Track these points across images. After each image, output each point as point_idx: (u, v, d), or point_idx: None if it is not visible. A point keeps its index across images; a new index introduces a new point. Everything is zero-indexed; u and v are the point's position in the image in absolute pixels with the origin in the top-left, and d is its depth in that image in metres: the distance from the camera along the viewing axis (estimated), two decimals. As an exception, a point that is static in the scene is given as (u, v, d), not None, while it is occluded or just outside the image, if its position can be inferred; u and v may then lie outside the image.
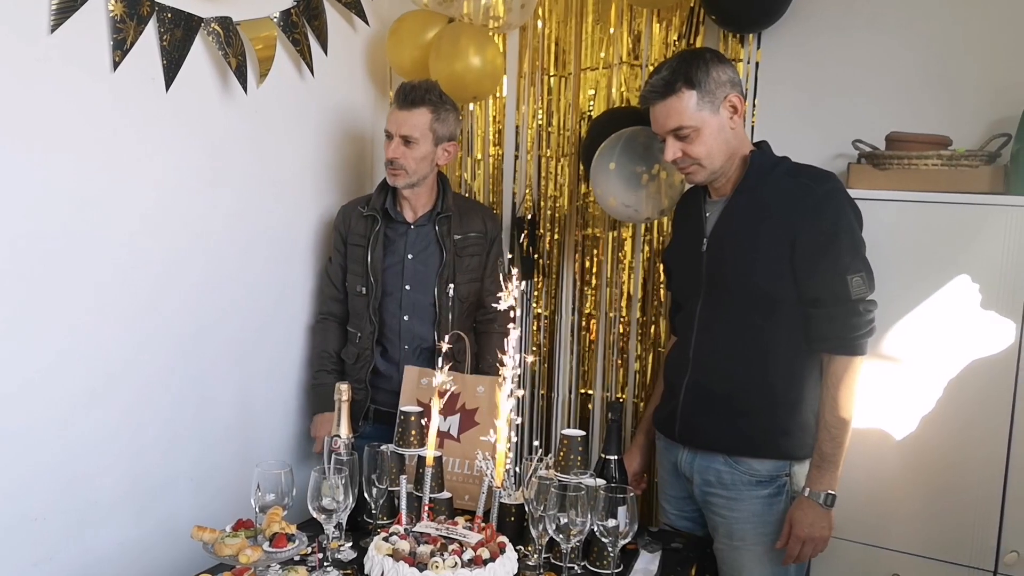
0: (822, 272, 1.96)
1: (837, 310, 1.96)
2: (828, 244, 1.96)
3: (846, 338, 1.98)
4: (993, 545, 2.14)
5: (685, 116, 2.01)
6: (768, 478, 2.08)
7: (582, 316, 3.05)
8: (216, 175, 2.43)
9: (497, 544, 1.76)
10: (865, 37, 2.56)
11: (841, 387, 2.00)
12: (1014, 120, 2.21)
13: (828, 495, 1.99)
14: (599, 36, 2.93)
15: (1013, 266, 2.07)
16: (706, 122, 2.01)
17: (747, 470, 2.08)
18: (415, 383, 2.27)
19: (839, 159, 2.53)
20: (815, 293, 1.98)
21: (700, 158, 2.03)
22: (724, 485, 2.11)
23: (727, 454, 2.10)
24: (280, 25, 2.53)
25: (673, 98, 2.01)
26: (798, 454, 2.08)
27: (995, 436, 2.12)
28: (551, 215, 3.06)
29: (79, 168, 2.04)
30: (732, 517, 2.11)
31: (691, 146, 2.03)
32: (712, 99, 2.00)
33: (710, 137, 2.02)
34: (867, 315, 1.97)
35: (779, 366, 2.05)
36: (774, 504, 2.08)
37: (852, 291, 1.94)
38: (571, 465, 1.98)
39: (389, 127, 2.52)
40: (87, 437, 2.11)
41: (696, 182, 2.12)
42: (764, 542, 2.08)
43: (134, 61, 2.11)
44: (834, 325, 1.97)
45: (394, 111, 2.52)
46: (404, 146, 2.49)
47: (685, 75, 2.00)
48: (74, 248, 2.05)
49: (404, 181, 2.53)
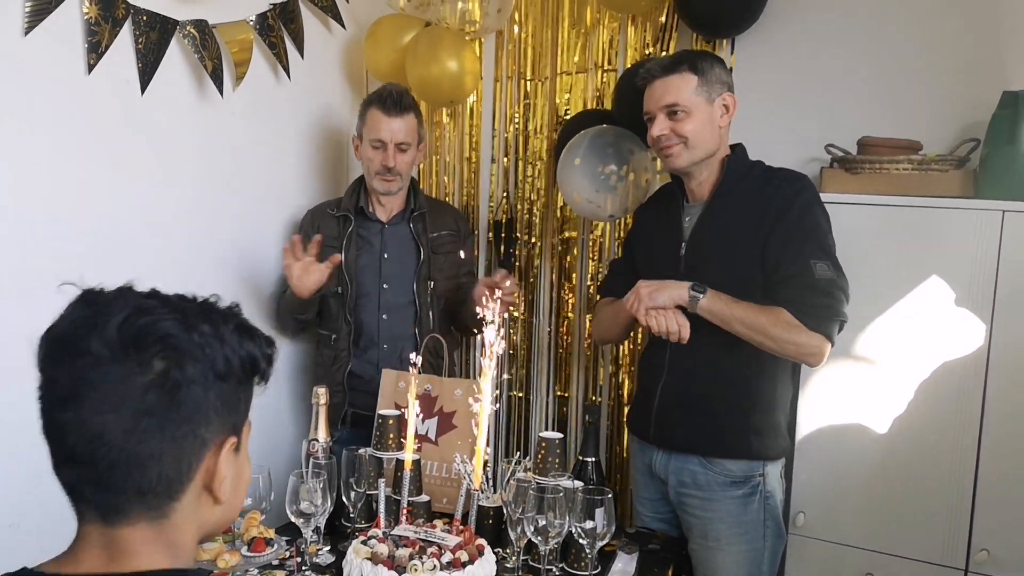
0: (785, 258, 1.98)
1: (800, 287, 1.95)
2: (792, 234, 1.99)
3: (806, 305, 1.93)
4: (964, 544, 2.17)
5: (683, 95, 2.06)
6: (742, 478, 2.10)
7: (559, 319, 3.06)
8: (193, 178, 2.42)
9: (476, 547, 1.76)
10: (838, 43, 2.59)
11: (782, 323, 1.93)
12: (983, 125, 2.24)
13: (696, 296, 1.98)
14: (575, 41, 2.95)
15: (982, 268, 2.10)
16: (699, 107, 2.07)
17: (721, 471, 2.10)
18: (393, 386, 2.27)
19: (812, 163, 2.56)
20: (780, 275, 1.98)
21: (687, 137, 2.07)
22: (699, 486, 2.13)
23: (702, 455, 2.12)
24: (256, 28, 2.52)
25: (675, 76, 2.07)
26: (771, 454, 2.11)
27: (966, 436, 2.15)
28: (528, 219, 3.07)
29: (53, 172, 2.02)
30: (707, 517, 2.13)
31: (679, 124, 2.07)
32: (710, 90, 2.07)
33: (699, 122, 2.07)
34: (832, 294, 1.94)
35: (753, 367, 2.07)
36: (748, 504, 2.10)
37: (816, 272, 1.94)
38: (549, 467, 1.99)
39: (381, 136, 2.48)
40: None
41: (674, 167, 2.14)
42: (739, 542, 2.10)
43: (109, 64, 2.10)
44: (795, 295, 1.95)
45: (383, 119, 2.48)
46: (399, 153, 2.49)
47: (691, 61, 2.08)
48: (48, 251, 2.03)
49: (398, 187, 2.54)
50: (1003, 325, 2.10)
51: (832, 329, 1.96)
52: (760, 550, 2.11)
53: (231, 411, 0.91)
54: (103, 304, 0.86)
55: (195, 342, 0.86)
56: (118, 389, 0.82)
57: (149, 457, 0.84)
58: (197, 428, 0.87)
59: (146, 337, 0.84)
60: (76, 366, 0.83)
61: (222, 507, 0.93)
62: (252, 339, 0.92)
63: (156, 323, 0.84)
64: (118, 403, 0.82)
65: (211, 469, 0.90)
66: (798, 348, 1.97)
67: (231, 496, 0.93)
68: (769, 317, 1.95)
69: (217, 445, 0.90)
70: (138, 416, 0.83)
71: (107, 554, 0.87)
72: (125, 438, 0.83)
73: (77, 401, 0.83)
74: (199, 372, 0.85)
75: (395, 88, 2.52)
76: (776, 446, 2.11)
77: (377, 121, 2.49)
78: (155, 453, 0.84)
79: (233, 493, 0.94)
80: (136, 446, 0.83)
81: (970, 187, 2.24)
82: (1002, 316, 2.10)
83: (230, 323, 0.91)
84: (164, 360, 0.84)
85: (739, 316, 1.96)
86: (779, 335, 1.95)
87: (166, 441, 0.84)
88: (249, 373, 0.92)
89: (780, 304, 1.95)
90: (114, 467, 0.83)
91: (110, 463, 0.83)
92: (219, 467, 0.90)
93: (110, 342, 0.83)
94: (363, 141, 2.54)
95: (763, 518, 2.10)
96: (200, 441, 0.88)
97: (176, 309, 0.88)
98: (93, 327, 0.84)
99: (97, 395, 0.82)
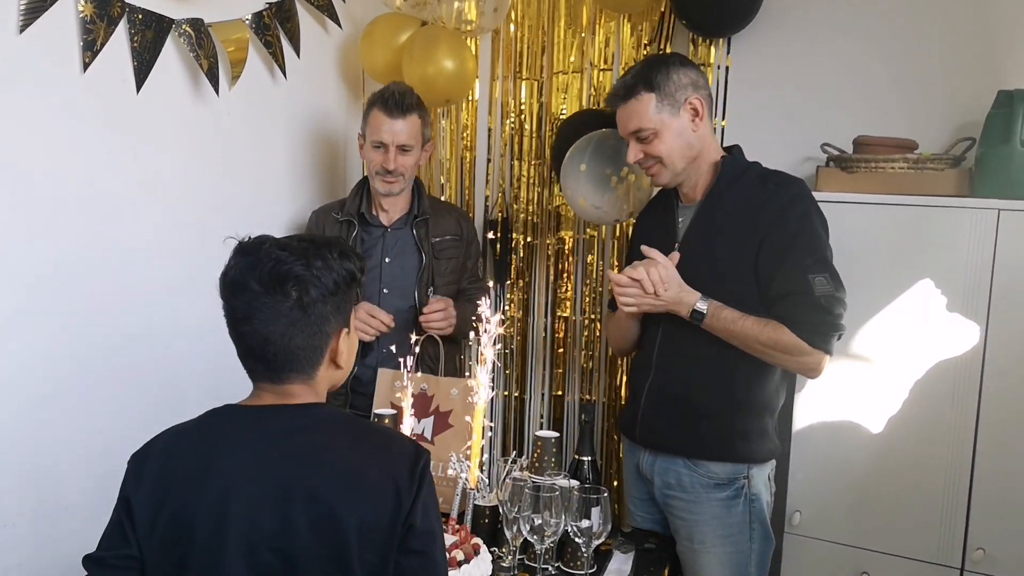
0: (784, 272, 1.96)
1: (801, 305, 1.93)
2: (790, 246, 1.96)
3: (807, 324, 1.93)
4: (960, 543, 2.17)
5: (644, 119, 2.04)
6: (726, 481, 2.08)
7: (555, 319, 3.06)
8: (187, 178, 2.41)
9: (471, 546, 1.76)
10: (833, 43, 2.59)
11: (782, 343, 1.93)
12: (978, 124, 2.25)
13: (697, 316, 1.99)
14: (571, 40, 2.95)
15: (978, 267, 2.11)
16: (665, 124, 2.04)
17: (706, 472, 2.09)
18: (389, 386, 2.27)
19: (808, 162, 2.56)
20: (778, 290, 1.97)
21: (661, 156, 2.06)
22: (684, 488, 2.12)
23: (686, 457, 2.11)
24: (252, 27, 2.52)
25: (633, 101, 2.05)
26: (756, 457, 2.09)
27: (962, 434, 2.15)
28: (523, 218, 3.07)
29: (48, 171, 2.02)
30: (692, 520, 2.11)
31: (650, 147, 2.06)
32: (672, 102, 2.03)
33: (670, 139, 2.05)
34: (833, 311, 1.93)
35: (741, 371, 2.05)
36: (733, 507, 2.08)
37: (815, 288, 1.92)
38: (545, 466, 1.99)
39: (382, 137, 2.45)
40: (56, 437, 2.09)
41: (661, 184, 2.15)
42: (724, 544, 2.08)
43: (104, 62, 2.09)
44: (796, 313, 1.93)
45: (385, 120, 2.44)
46: (401, 155, 2.47)
47: (645, 79, 2.04)
48: (47, 250, 2.03)
49: (400, 188, 2.52)
50: (999, 323, 2.10)
51: (831, 344, 1.96)
52: (746, 553, 2.09)
53: (343, 312, 1.37)
54: (255, 255, 1.31)
55: (313, 275, 1.31)
56: (274, 310, 1.29)
57: (298, 348, 1.32)
58: (324, 327, 1.33)
59: (284, 277, 1.29)
60: (244, 297, 1.30)
61: (342, 370, 1.41)
62: (350, 259, 1.37)
63: (289, 267, 1.29)
64: (275, 318, 1.29)
65: (335, 349, 1.37)
66: (799, 364, 1.99)
67: (347, 363, 1.41)
68: (769, 337, 1.94)
69: (337, 334, 1.37)
70: (287, 325, 1.30)
71: (278, 397, 1.35)
72: (282, 338, 1.30)
73: (249, 319, 1.30)
74: (319, 293, 1.31)
75: (398, 88, 2.48)
76: (763, 449, 2.09)
77: (379, 122, 2.46)
78: (301, 345, 1.32)
79: (348, 360, 1.42)
80: (289, 342, 1.31)
81: (965, 186, 2.24)
82: (998, 314, 2.10)
83: (334, 251, 1.35)
84: (296, 290, 1.29)
85: (738, 335, 1.97)
86: (779, 354, 1.97)
87: (306, 337, 1.32)
88: (351, 283, 1.37)
89: (779, 320, 1.95)
90: (277, 356, 1.32)
91: (274, 354, 1.31)
92: (340, 347, 1.38)
93: (263, 281, 1.29)
94: (366, 141, 2.52)
95: (748, 520, 2.08)
96: (325, 334, 1.34)
97: (299, 253, 1.31)
98: (252, 271, 1.30)
99: (261, 315, 1.29)
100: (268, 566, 1.25)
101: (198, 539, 1.26)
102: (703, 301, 1.99)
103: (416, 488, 1.30)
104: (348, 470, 1.29)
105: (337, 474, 1.28)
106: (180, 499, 1.28)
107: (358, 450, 1.32)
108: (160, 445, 1.35)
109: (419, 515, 1.29)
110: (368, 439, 1.37)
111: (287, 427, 1.32)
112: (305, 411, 1.35)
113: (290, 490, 1.26)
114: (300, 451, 1.30)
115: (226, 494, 1.26)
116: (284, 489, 1.26)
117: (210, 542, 1.25)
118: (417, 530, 1.29)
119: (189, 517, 1.26)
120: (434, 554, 1.32)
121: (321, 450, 1.30)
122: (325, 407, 1.39)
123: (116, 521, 1.32)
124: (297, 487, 1.26)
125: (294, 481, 1.27)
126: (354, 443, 1.34)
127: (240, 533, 1.25)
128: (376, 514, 1.27)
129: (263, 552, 1.25)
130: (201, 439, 1.33)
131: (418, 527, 1.29)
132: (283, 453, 1.29)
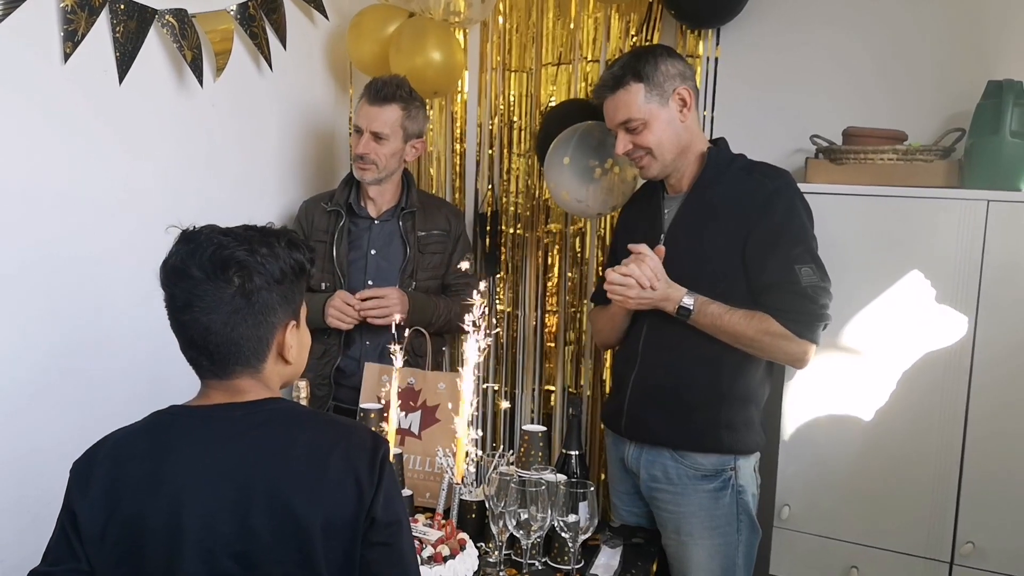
0: (771, 263, 1.97)
1: (788, 295, 1.95)
2: (777, 237, 1.97)
3: (794, 314, 1.94)
4: (950, 536, 2.16)
5: (633, 109, 2.05)
6: (713, 472, 2.08)
7: (544, 312, 3.05)
8: (172, 170, 2.39)
9: (457, 541, 1.75)
10: (822, 33, 2.58)
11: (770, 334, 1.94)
12: (968, 115, 2.24)
13: (685, 308, 1.99)
14: (560, 32, 2.93)
15: (967, 258, 2.10)
16: (654, 115, 2.04)
17: (692, 464, 2.08)
18: (376, 380, 2.26)
19: (797, 154, 2.55)
20: (765, 280, 1.98)
21: (651, 147, 2.06)
22: (670, 480, 2.11)
23: (673, 448, 2.10)
24: (237, 18, 2.50)
25: (622, 91, 2.05)
26: (742, 449, 2.09)
27: (951, 428, 2.14)
28: (513, 211, 3.06)
29: (28, 163, 2.00)
30: (679, 512, 2.11)
31: (639, 137, 2.06)
32: (661, 92, 2.04)
33: (659, 129, 2.05)
34: (819, 301, 1.95)
35: (726, 362, 2.04)
36: (720, 498, 2.08)
37: (802, 279, 1.93)
38: (532, 461, 1.98)
39: (359, 122, 2.49)
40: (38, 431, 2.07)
41: (650, 176, 2.14)
42: (711, 536, 2.08)
43: (86, 53, 2.07)
44: (783, 303, 1.95)
45: (364, 106, 2.49)
46: (374, 142, 2.48)
47: (633, 69, 2.04)
48: (23, 240, 2.00)
49: (372, 176, 2.52)
50: (988, 315, 2.09)
51: (818, 334, 1.97)
52: (733, 544, 2.09)
53: (290, 303, 1.33)
54: (196, 241, 1.26)
55: (258, 261, 1.26)
56: (215, 297, 1.24)
57: (241, 338, 1.27)
58: (269, 317, 1.29)
59: (226, 262, 1.25)
60: (185, 284, 1.25)
61: (292, 366, 1.36)
62: (298, 249, 1.33)
63: (232, 252, 1.25)
64: (217, 306, 1.25)
65: (281, 342, 1.32)
66: (786, 355, 2.00)
67: (296, 358, 1.37)
68: (756, 329, 1.95)
69: (283, 326, 1.32)
70: (229, 314, 1.25)
71: (228, 394, 1.30)
72: (224, 327, 1.26)
73: (190, 307, 1.25)
74: (263, 281, 1.27)
75: (388, 79, 2.50)
76: (749, 440, 2.09)
77: (360, 108, 2.50)
78: (245, 335, 1.27)
79: (298, 356, 1.38)
80: (231, 332, 1.26)
81: (955, 177, 2.23)
82: (987, 306, 2.09)
83: (282, 240, 1.31)
84: (240, 277, 1.25)
85: (725, 329, 1.98)
86: (767, 345, 1.97)
87: (249, 327, 1.27)
88: (299, 274, 1.33)
89: (766, 311, 1.95)
90: (220, 347, 1.27)
91: (217, 344, 1.26)
92: (287, 341, 1.33)
93: (204, 267, 1.24)
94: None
95: (736, 512, 2.08)
96: (271, 325, 1.30)
97: (242, 240, 1.27)
98: (192, 257, 1.25)
99: (202, 303, 1.24)
100: (228, 573, 1.21)
101: (152, 549, 1.21)
102: (689, 296, 1.99)
103: (377, 479, 1.25)
104: (306, 466, 1.24)
105: (296, 472, 1.23)
106: (130, 507, 1.23)
107: (316, 445, 1.26)
108: (105, 450, 1.29)
109: (381, 507, 1.25)
110: (325, 432, 1.30)
111: (239, 426, 1.27)
112: (257, 408, 1.29)
113: (247, 492, 1.22)
114: (255, 450, 1.25)
115: (178, 500, 1.21)
116: (240, 491, 1.22)
117: (165, 551, 1.21)
118: (380, 522, 1.25)
119: (141, 526, 1.22)
120: (400, 544, 1.29)
121: (277, 448, 1.25)
122: (278, 402, 1.32)
123: (60, 532, 1.27)
124: (254, 488, 1.22)
125: (250, 482, 1.22)
126: (311, 438, 1.27)
127: (197, 540, 1.21)
128: (339, 509, 1.23)
129: (223, 559, 1.21)
130: (150, 443, 1.27)
131: (381, 519, 1.25)
132: (237, 453, 1.24)
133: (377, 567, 1.26)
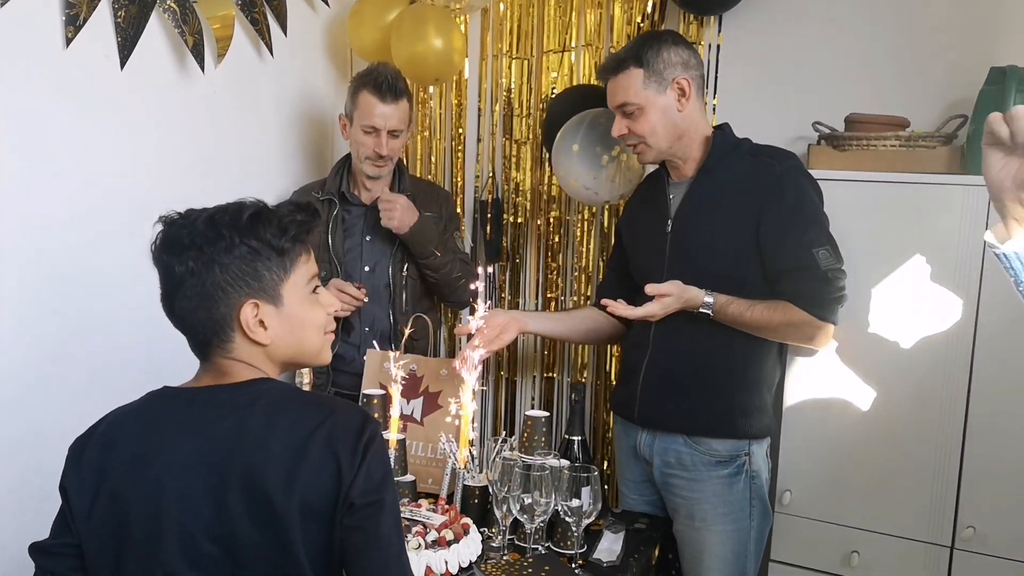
0: (788, 248, 1.98)
1: (808, 280, 1.97)
2: (792, 221, 1.98)
3: (816, 298, 1.97)
4: (951, 521, 2.17)
5: (630, 93, 2.06)
6: (727, 458, 2.09)
7: (546, 299, 3.05)
8: (172, 156, 2.38)
9: (461, 525, 1.76)
10: (825, 20, 2.58)
11: (793, 324, 1.98)
12: (970, 102, 2.23)
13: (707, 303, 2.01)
14: (562, 18, 2.92)
15: (969, 244, 2.10)
16: (651, 101, 2.05)
17: (707, 450, 2.09)
18: (378, 366, 2.26)
19: (799, 141, 2.54)
20: (783, 266, 1.99)
21: (644, 135, 2.08)
22: (684, 466, 2.12)
23: (687, 434, 2.11)
24: (238, 4, 2.49)
25: (621, 75, 2.07)
26: (756, 433, 2.10)
27: (952, 413, 2.15)
28: (514, 199, 3.05)
29: (29, 148, 1.99)
30: (693, 498, 2.11)
31: (635, 123, 2.08)
32: (659, 79, 2.05)
33: (654, 116, 2.06)
34: (836, 282, 1.98)
35: (739, 346, 2.05)
36: (734, 484, 2.09)
37: (820, 263, 1.96)
38: (535, 446, 1.98)
39: (374, 122, 2.43)
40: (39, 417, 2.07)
41: (646, 161, 2.18)
42: (725, 522, 2.09)
43: (88, 38, 2.06)
44: (804, 288, 1.97)
45: (377, 104, 2.43)
46: (392, 139, 2.47)
47: (635, 54, 2.06)
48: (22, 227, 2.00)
49: (388, 170, 2.54)
50: (990, 301, 2.10)
51: (838, 314, 2.00)
52: (746, 529, 2.10)
53: (247, 283, 1.27)
54: (161, 228, 1.30)
55: (197, 243, 1.25)
56: (174, 281, 1.27)
57: (197, 321, 1.28)
58: (222, 297, 1.26)
59: (171, 246, 1.27)
60: (159, 270, 1.30)
61: (272, 346, 1.31)
62: (263, 227, 1.29)
63: (188, 236, 1.26)
64: (176, 290, 1.27)
65: (245, 322, 1.28)
66: (808, 339, 2.02)
67: (279, 340, 1.31)
68: (781, 320, 1.98)
69: (239, 306, 1.27)
70: (187, 297, 1.27)
71: (215, 376, 1.31)
72: (185, 311, 1.28)
73: (167, 293, 1.29)
74: (206, 260, 1.25)
75: (389, 72, 2.46)
76: (761, 425, 2.10)
77: (371, 106, 2.44)
78: (199, 318, 1.28)
79: (283, 338, 1.32)
80: (192, 315, 1.28)
81: (957, 163, 2.23)
82: (989, 292, 2.09)
83: (243, 220, 1.28)
84: (193, 260, 1.25)
85: (749, 323, 2.01)
86: (790, 334, 2.02)
87: (204, 310, 1.27)
88: (257, 252, 1.28)
89: (787, 297, 1.98)
90: (189, 329, 1.30)
91: (187, 327, 1.30)
92: (247, 321, 1.28)
93: (160, 254, 1.29)
94: (352, 123, 2.49)
95: (749, 497, 2.09)
96: (226, 305, 1.27)
97: (190, 223, 1.28)
98: (157, 244, 1.29)
99: (169, 287, 1.29)
100: (208, 557, 1.21)
101: (135, 529, 1.22)
102: (708, 296, 2.00)
103: (359, 461, 1.21)
104: (286, 449, 1.21)
105: (275, 455, 1.21)
106: (114, 488, 1.24)
107: (298, 427, 1.23)
108: (101, 429, 1.30)
109: (360, 490, 1.21)
110: (309, 414, 1.26)
111: (222, 408, 1.26)
112: (242, 389, 1.28)
113: (225, 475, 1.21)
114: (235, 433, 1.23)
115: (160, 483, 1.22)
116: (219, 475, 1.21)
117: (146, 533, 1.21)
118: (357, 506, 1.21)
119: (125, 507, 1.23)
120: (378, 528, 1.23)
121: (257, 430, 1.23)
122: (265, 382, 1.30)
123: (61, 509, 1.28)
124: (232, 471, 1.21)
125: (229, 465, 1.21)
126: (294, 420, 1.25)
127: (177, 524, 1.21)
128: (317, 493, 1.20)
129: (203, 543, 1.21)
130: (140, 424, 1.29)
131: (358, 502, 1.21)
132: (217, 436, 1.24)
133: (355, 551, 1.23)
